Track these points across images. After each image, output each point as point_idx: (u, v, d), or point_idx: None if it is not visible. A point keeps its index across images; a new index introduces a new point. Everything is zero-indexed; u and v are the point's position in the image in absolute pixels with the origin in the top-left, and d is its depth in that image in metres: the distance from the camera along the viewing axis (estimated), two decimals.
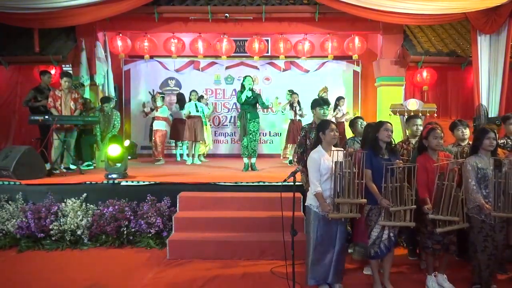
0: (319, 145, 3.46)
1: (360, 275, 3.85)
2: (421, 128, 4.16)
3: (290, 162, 7.47)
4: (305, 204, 3.51)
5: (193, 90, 7.80)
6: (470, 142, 3.86)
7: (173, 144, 8.62)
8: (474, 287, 3.50)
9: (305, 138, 4.07)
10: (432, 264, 3.60)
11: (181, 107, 7.96)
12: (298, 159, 4.15)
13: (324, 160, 3.35)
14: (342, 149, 3.47)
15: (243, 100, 6.19)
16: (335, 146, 3.49)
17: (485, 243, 3.38)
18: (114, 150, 5.48)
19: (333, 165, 3.28)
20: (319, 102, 4.14)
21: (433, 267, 3.60)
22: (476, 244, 3.43)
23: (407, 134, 4.51)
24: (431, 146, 3.51)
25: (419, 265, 4.06)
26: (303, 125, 7.42)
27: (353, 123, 4.74)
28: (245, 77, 6.28)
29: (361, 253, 3.87)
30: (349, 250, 4.23)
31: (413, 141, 4.24)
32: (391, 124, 3.53)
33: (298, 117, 7.58)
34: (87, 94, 7.34)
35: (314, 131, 4.05)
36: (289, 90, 7.88)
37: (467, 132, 4.18)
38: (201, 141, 7.76)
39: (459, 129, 4.24)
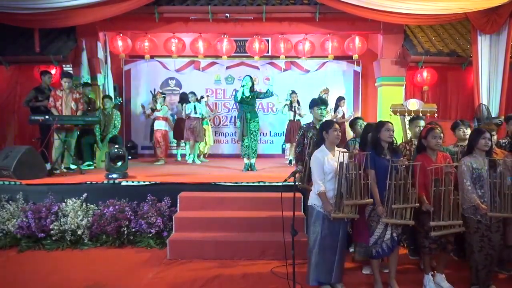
0: (323, 145, 3.46)
1: (360, 275, 3.86)
2: None
3: (290, 162, 7.47)
4: (308, 204, 3.50)
5: (191, 92, 7.80)
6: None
7: (174, 144, 8.62)
8: (473, 287, 3.50)
9: (303, 137, 4.08)
10: (429, 263, 3.60)
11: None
12: (296, 158, 4.16)
13: (328, 160, 3.35)
14: (347, 150, 3.47)
15: (238, 98, 6.20)
16: (337, 146, 3.49)
17: (481, 243, 3.38)
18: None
19: (338, 166, 3.28)
20: (317, 102, 4.15)
21: (430, 266, 3.60)
22: (472, 244, 3.43)
23: (410, 135, 4.50)
24: (430, 145, 3.51)
25: (419, 265, 4.06)
26: (301, 124, 7.55)
27: (352, 124, 4.75)
28: (244, 77, 6.30)
29: (362, 253, 3.87)
30: (350, 250, 4.23)
31: (416, 142, 4.24)
32: (392, 124, 3.54)
33: (297, 117, 7.57)
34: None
35: (312, 130, 4.06)
36: (291, 90, 7.88)
37: (468, 132, 4.17)
38: (200, 141, 7.81)
39: (460, 129, 4.23)
